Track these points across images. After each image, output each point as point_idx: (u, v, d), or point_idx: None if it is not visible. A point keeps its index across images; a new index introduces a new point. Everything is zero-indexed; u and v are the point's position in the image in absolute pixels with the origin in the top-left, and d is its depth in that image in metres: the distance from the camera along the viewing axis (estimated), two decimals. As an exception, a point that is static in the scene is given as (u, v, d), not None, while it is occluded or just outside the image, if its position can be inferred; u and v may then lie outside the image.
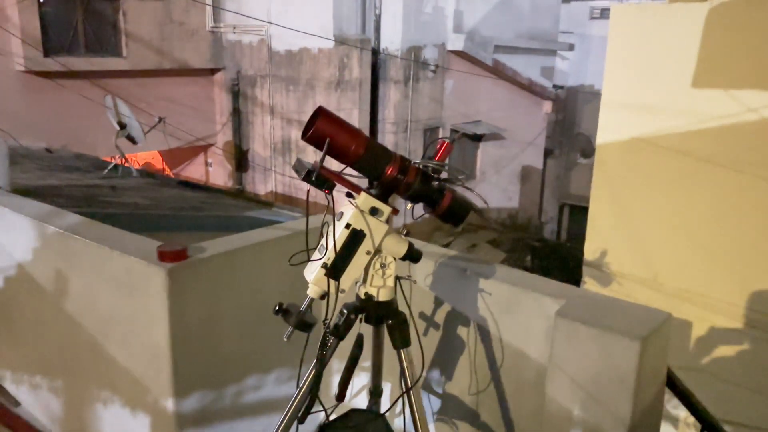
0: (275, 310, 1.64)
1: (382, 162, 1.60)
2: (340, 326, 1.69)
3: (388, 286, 1.72)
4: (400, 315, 1.74)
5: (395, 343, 1.73)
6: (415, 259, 1.72)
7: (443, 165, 1.66)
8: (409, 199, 1.66)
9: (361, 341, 1.73)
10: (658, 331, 1.98)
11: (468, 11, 11.60)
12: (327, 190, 1.55)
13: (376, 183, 1.64)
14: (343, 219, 1.63)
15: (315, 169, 1.52)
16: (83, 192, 6.06)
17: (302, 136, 1.56)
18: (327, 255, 1.61)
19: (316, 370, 1.71)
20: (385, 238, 1.66)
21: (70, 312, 2.64)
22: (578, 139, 17.92)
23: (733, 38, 3.93)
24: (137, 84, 10.08)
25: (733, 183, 4.07)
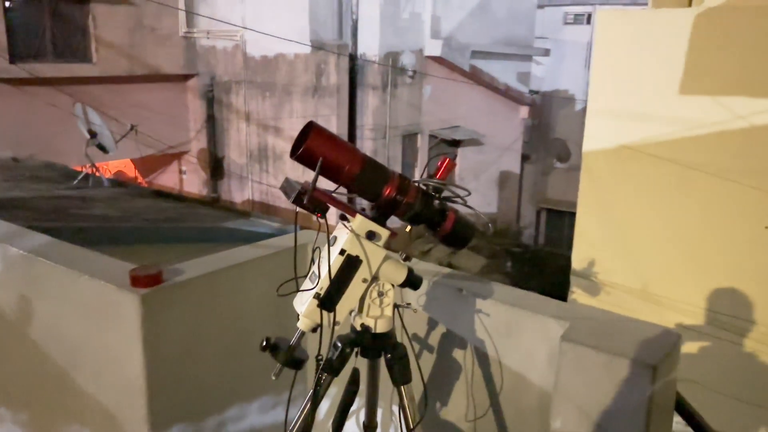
0: (262, 345, 1.48)
1: (380, 181, 1.46)
2: (334, 362, 1.54)
3: (386, 316, 1.58)
4: (400, 348, 1.60)
5: (395, 380, 1.58)
6: (415, 285, 1.58)
7: (445, 183, 1.52)
8: (409, 221, 1.52)
9: (357, 377, 1.58)
10: (670, 354, 1.88)
11: (445, 17, 11.53)
12: (319, 214, 1.40)
13: (373, 204, 1.50)
14: (336, 244, 1.48)
15: (306, 190, 1.37)
16: (51, 204, 5.80)
17: (291, 155, 1.41)
18: (320, 284, 1.46)
19: (307, 412, 1.56)
20: (383, 264, 1.52)
21: (36, 340, 2.44)
22: (554, 144, 18.01)
23: (719, 45, 3.88)
24: (108, 90, 9.79)
25: (722, 191, 4.02)
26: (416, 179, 1.53)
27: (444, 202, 1.53)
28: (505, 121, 14.05)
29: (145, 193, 7.70)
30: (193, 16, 10.82)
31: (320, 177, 1.43)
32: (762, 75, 3.78)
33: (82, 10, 9.54)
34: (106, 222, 5.16)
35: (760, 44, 3.75)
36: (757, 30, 3.75)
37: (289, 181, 1.43)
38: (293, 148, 1.41)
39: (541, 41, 17.35)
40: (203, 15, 10.53)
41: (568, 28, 20.77)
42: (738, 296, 4.03)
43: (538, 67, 17.60)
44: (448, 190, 1.52)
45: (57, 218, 5.02)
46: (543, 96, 17.98)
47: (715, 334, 4.14)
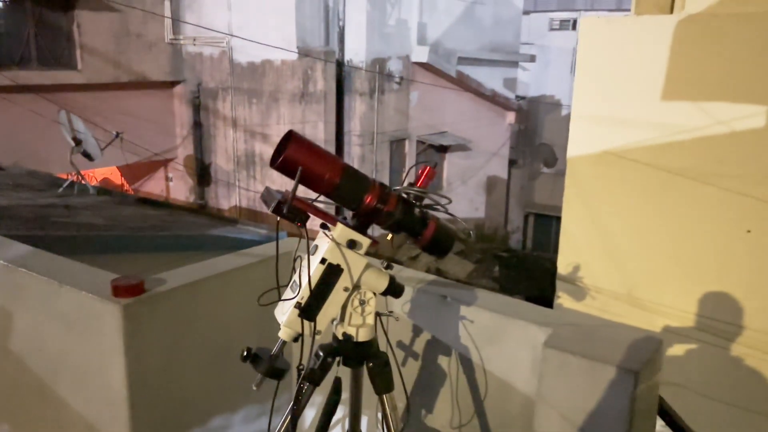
0: (243, 356, 1.47)
1: (360, 190, 1.46)
2: (316, 371, 1.54)
3: (368, 325, 1.57)
4: (382, 356, 1.60)
5: (377, 389, 1.58)
6: (397, 293, 1.58)
7: (426, 192, 1.52)
8: (390, 229, 1.52)
9: (340, 386, 1.58)
10: (653, 360, 1.89)
11: (431, 23, 11.58)
12: (299, 223, 1.39)
13: (354, 213, 1.50)
14: (317, 253, 1.48)
15: (286, 200, 1.37)
16: (35, 212, 5.74)
17: (271, 164, 1.41)
18: (300, 293, 1.46)
19: (288, 422, 1.55)
20: (364, 273, 1.51)
21: (16, 352, 2.41)
22: (541, 149, 18.12)
23: (701, 51, 3.92)
24: (93, 98, 9.73)
25: (704, 195, 4.06)
26: (397, 188, 1.53)
27: (425, 210, 1.54)
28: (492, 126, 14.11)
29: (131, 200, 7.64)
30: (179, 24, 10.79)
31: (303, 186, 1.42)
32: (742, 80, 3.83)
33: (66, 16, 9.48)
34: (90, 230, 5.11)
35: (741, 50, 3.79)
36: (737, 36, 3.79)
37: (270, 191, 1.43)
38: (273, 157, 1.40)
39: (527, 47, 17.48)
40: (189, 22, 10.51)
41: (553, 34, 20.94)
42: (722, 299, 4.06)
43: (524, 72, 17.72)
44: (428, 198, 1.52)
45: (40, 226, 4.97)
46: (529, 101, 18.10)
47: (700, 338, 4.17)
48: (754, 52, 3.73)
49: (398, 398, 1.76)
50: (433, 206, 1.56)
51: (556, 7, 22.01)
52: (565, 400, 1.89)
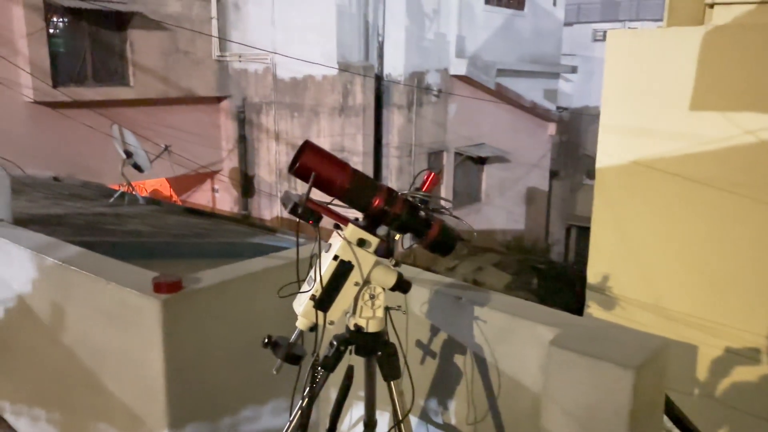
0: (264, 342, 1.64)
1: (369, 194, 1.61)
2: (330, 358, 1.69)
3: (378, 317, 1.72)
4: (390, 346, 1.74)
5: (384, 375, 1.72)
6: (404, 289, 1.72)
7: (430, 196, 1.67)
8: (397, 229, 1.66)
9: (351, 373, 1.72)
10: (655, 359, 1.96)
11: (470, 37, 11.71)
12: (312, 222, 1.56)
13: (363, 214, 1.65)
14: (331, 250, 1.63)
15: (301, 202, 1.54)
16: (86, 220, 6.10)
17: (289, 170, 1.58)
18: (315, 287, 1.62)
19: (305, 404, 1.70)
20: (374, 269, 1.66)
21: (66, 344, 2.65)
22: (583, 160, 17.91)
23: (729, 61, 3.95)
24: (144, 112, 10.21)
25: (733, 205, 4.06)
26: (403, 192, 1.68)
27: (429, 212, 1.68)
28: (532, 138, 14.09)
29: (177, 210, 7.99)
30: (225, 41, 11.23)
31: (317, 190, 1.59)
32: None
33: (120, 36, 10.00)
34: (135, 237, 5.41)
35: None
36: (764, 47, 3.81)
37: (288, 194, 1.60)
38: (291, 164, 1.57)
39: (569, 58, 17.40)
40: (235, 41, 10.92)
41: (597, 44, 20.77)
42: (750, 310, 4.04)
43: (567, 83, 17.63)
44: (432, 202, 1.66)
45: (91, 233, 5.29)
46: (572, 112, 17.96)
47: (730, 349, 4.15)
48: (781, 63, 3.74)
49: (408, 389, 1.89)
50: (438, 209, 1.70)
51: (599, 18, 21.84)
52: (569, 397, 1.98)
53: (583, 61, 18.54)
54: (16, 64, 8.80)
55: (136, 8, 9.84)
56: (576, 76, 17.68)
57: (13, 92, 8.91)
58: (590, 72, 18.59)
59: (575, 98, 18.88)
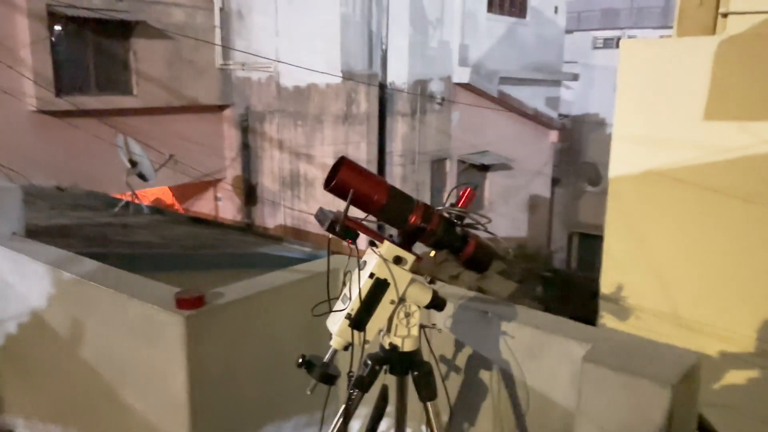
0: (298, 363, 1.60)
1: (405, 210, 1.58)
2: (365, 378, 1.66)
3: (413, 336, 1.69)
4: (426, 366, 1.70)
5: (421, 396, 1.68)
6: (439, 307, 1.69)
7: (466, 212, 1.64)
8: (433, 246, 1.64)
9: (386, 393, 1.69)
10: (690, 375, 1.93)
11: (473, 45, 11.73)
12: (350, 241, 1.53)
13: (399, 231, 1.62)
14: (366, 268, 1.60)
15: (338, 219, 1.51)
16: (95, 231, 6.06)
17: (324, 186, 1.55)
18: (351, 305, 1.59)
19: (340, 423, 1.67)
20: (410, 287, 1.63)
21: (86, 360, 2.61)
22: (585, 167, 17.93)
23: (742, 71, 3.94)
24: (147, 121, 10.19)
25: (748, 215, 4.04)
26: (439, 207, 1.65)
27: (465, 228, 1.65)
28: (534, 145, 14.10)
29: (182, 219, 7.96)
30: (228, 50, 11.23)
31: (351, 206, 1.56)
32: (787, 100, 3.83)
33: (123, 45, 10.00)
34: (147, 249, 5.38)
35: (784, 70, 3.80)
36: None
37: (323, 211, 1.57)
38: (327, 180, 1.54)
39: (570, 66, 17.43)
40: (238, 50, 10.92)
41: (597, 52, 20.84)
42: None
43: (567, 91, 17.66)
44: (469, 218, 1.64)
45: (101, 245, 5.25)
46: (573, 120, 17.99)
47: (748, 359, 4.12)
48: (797, 72, 3.73)
49: (442, 409, 1.86)
50: (473, 225, 1.67)
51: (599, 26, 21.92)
52: (604, 414, 1.95)
53: (583, 68, 18.58)
54: (20, 72, 8.78)
55: (140, 17, 9.83)
56: (576, 83, 17.72)
57: (16, 101, 8.89)
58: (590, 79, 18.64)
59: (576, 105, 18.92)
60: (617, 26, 21.42)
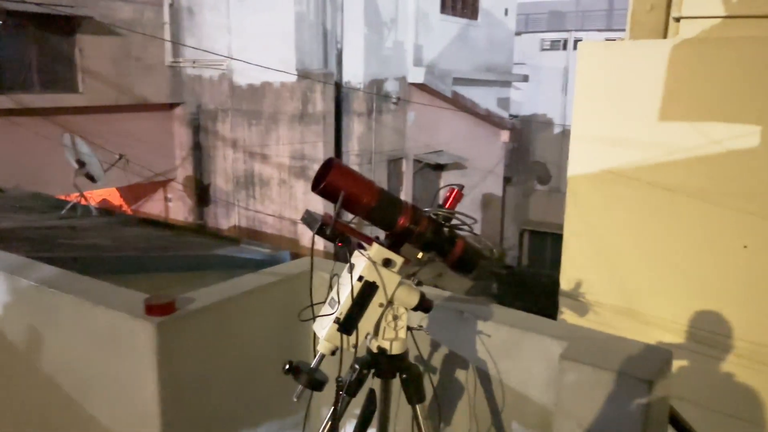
0: (285, 369, 1.56)
1: (394, 212, 1.56)
2: (353, 383, 1.63)
3: (401, 338, 1.67)
4: (414, 368, 1.69)
5: (410, 399, 1.67)
6: (427, 309, 1.68)
7: (454, 213, 1.63)
8: (421, 248, 1.62)
9: (374, 397, 1.67)
10: (664, 370, 1.99)
11: (427, 45, 11.80)
12: (340, 243, 1.50)
13: (388, 233, 1.60)
14: (355, 271, 1.58)
15: (328, 222, 1.48)
16: (41, 234, 5.80)
17: (312, 188, 1.51)
18: (339, 309, 1.56)
19: (327, 428, 1.63)
20: (398, 289, 1.61)
21: (47, 371, 2.49)
22: (535, 166, 18.36)
23: (696, 73, 4.08)
24: (94, 120, 9.83)
25: (701, 212, 4.19)
26: (427, 209, 1.64)
27: (453, 230, 1.64)
28: (487, 145, 14.31)
29: (133, 221, 7.71)
30: (179, 47, 10.95)
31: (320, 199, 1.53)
32: (736, 102, 3.98)
33: (68, 41, 9.61)
34: (98, 251, 5.18)
35: (734, 72, 3.95)
36: (729, 59, 3.96)
37: (311, 213, 1.53)
38: (314, 182, 1.51)
39: (518, 67, 17.78)
40: (189, 45, 10.66)
41: (545, 54, 21.31)
42: (719, 313, 4.18)
43: (517, 92, 18.01)
44: (456, 219, 1.63)
45: (49, 249, 5.03)
46: (522, 120, 18.37)
47: (698, 350, 4.27)
48: (746, 75, 3.89)
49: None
50: (459, 226, 1.67)
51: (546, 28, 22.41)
52: (582, 410, 1.98)
53: (532, 69, 18.99)
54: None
55: (85, 12, 9.47)
56: (525, 84, 18.09)
57: (-48, 99, 8.44)
58: (538, 80, 19.06)
59: (525, 106, 19.31)
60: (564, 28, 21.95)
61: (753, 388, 4.00)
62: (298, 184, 10.44)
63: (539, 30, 22.75)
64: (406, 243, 1.60)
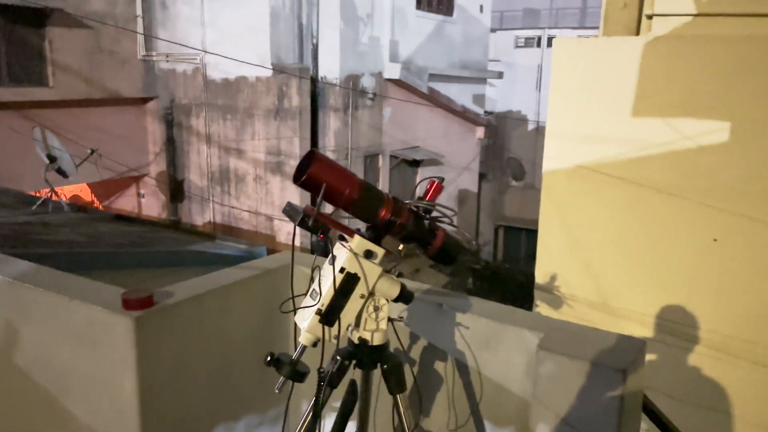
0: (267, 360, 1.57)
1: (376, 204, 1.58)
2: (334, 374, 1.64)
3: (382, 329, 1.68)
4: (395, 359, 1.71)
5: (391, 389, 1.69)
6: (408, 299, 1.70)
7: (434, 205, 1.65)
8: (402, 240, 1.64)
9: (356, 388, 1.68)
10: (638, 359, 2.04)
11: (403, 41, 11.82)
12: (322, 235, 1.51)
13: (369, 225, 1.61)
14: (336, 263, 1.59)
15: (309, 214, 1.48)
16: (12, 230, 5.69)
17: (294, 181, 1.52)
18: (321, 300, 1.57)
19: (308, 420, 1.64)
20: (379, 281, 1.63)
21: (21, 367, 2.45)
22: (510, 163, 18.52)
23: (668, 70, 4.16)
24: (65, 114, 9.65)
25: (673, 207, 4.28)
26: (408, 201, 1.65)
27: (433, 221, 1.66)
28: (463, 141, 14.39)
29: (106, 217, 7.60)
30: (152, 39, 10.79)
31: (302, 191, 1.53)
32: (706, 98, 4.07)
33: (38, 33, 9.41)
34: (72, 248, 5.09)
35: (704, 69, 4.04)
36: (700, 56, 4.04)
37: (292, 205, 1.54)
38: (296, 174, 1.51)
39: (493, 64, 17.91)
40: (162, 39, 10.52)
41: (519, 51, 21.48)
42: (690, 305, 4.28)
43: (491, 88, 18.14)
44: (437, 211, 1.65)
45: (22, 245, 4.94)
46: (497, 117, 18.51)
47: (671, 343, 4.37)
48: (717, 72, 3.98)
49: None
50: (440, 218, 1.69)
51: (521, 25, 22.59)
52: (559, 400, 2.02)
53: (506, 66, 19.14)
54: None
55: (56, 4, 9.28)
56: (500, 81, 18.22)
57: None
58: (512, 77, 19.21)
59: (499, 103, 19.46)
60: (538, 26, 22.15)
61: (723, 380, 4.11)
62: (274, 180, 10.38)
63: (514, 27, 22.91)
64: (387, 235, 1.61)
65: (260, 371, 1.85)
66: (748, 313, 4.08)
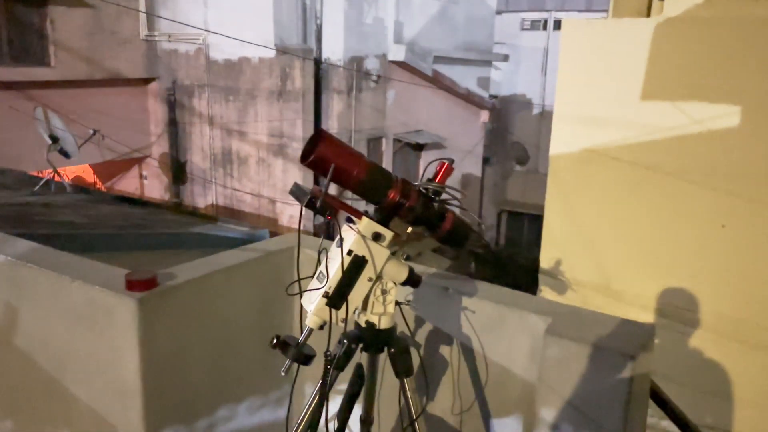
0: (272, 343, 1.54)
1: (384, 186, 1.54)
2: (341, 357, 1.62)
3: (389, 313, 1.66)
4: (402, 342, 1.68)
5: (398, 373, 1.66)
6: (415, 283, 1.67)
7: (443, 187, 1.62)
8: (411, 223, 1.60)
9: (362, 371, 1.66)
10: (646, 345, 2.01)
11: (407, 22, 11.69)
12: (330, 216, 1.47)
13: (377, 207, 1.58)
14: (344, 245, 1.56)
15: (317, 195, 1.45)
16: (14, 211, 5.67)
17: (301, 160, 1.48)
18: (328, 283, 1.54)
19: (315, 403, 1.62)
20: (387, 264, 1.60)
21: (22, 348, 2.43)
22: (514, 147, 18.40)
23: (678, 52, 4.10)
24: (67, 95, 9.58)
25: (681, 192, 4.24)
26: (416, 183, 1.62)
27: (442, 204, 1.62)
28: (467, 124, 14.29)
29: (108, 198, 7.58)
30: (154, 19, 10.68)
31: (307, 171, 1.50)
32: (717, 81, 4.01)
33: (39, 13, 9.31)
34: (73, 229, 5.07)
35: (716, 52, 3.98)
36: (712, 39, 3.97)
37: (299, 186, 1.50)
38: (303, 154, 1.48)
39: (498, 46, 17.71)
40: (165, 18, 10.41)
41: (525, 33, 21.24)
42: (697, 291, 4.25)
43: (496, 71, 17.96)
44: (446, 193, 1.61)
45: (23, 225, 4.91)
46: (501, 100, 18.36)
47: (677, 329, 4.35)
48: (728, 54, 3.91)
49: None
50: (448, 200, 1.65)
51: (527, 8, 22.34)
52: (566, 385, 2.00)
53: (512, 49, 18.93)
54: None
55: (57, -18, 9.19)
56: (505, 64, 18.04)
57: None
58: (518, 60, 19.02)
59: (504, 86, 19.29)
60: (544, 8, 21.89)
61: (730, 366, 4.09)
62: (277, 163, 10.33)
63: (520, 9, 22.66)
64: (395, 217, 1.58)
65: (263, 353, 1.83)
66: (755, 297, 4.06)
